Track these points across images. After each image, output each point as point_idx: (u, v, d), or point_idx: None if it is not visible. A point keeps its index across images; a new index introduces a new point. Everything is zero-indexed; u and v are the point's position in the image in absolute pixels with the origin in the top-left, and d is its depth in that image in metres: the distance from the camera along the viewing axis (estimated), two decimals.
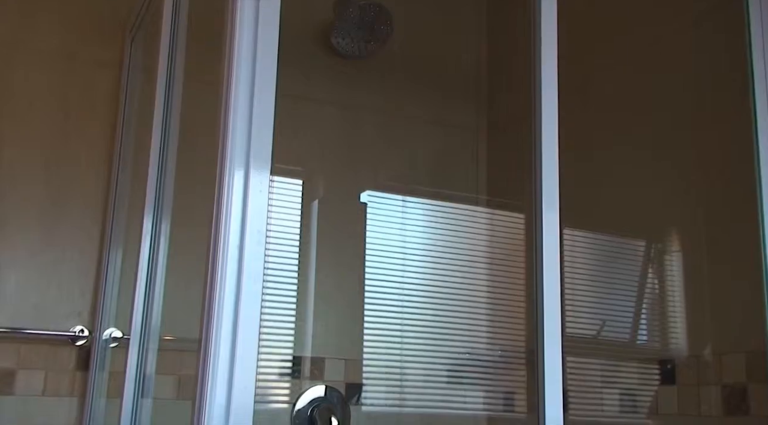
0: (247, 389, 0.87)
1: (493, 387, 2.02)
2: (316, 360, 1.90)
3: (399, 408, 1.99)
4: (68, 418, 1.64)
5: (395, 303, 1.98)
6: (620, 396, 1.76)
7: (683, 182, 1.69)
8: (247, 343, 0.87)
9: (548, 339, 1.08)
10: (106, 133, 1.79)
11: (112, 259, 1.67)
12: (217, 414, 0.85)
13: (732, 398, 1.46)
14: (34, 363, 1.64)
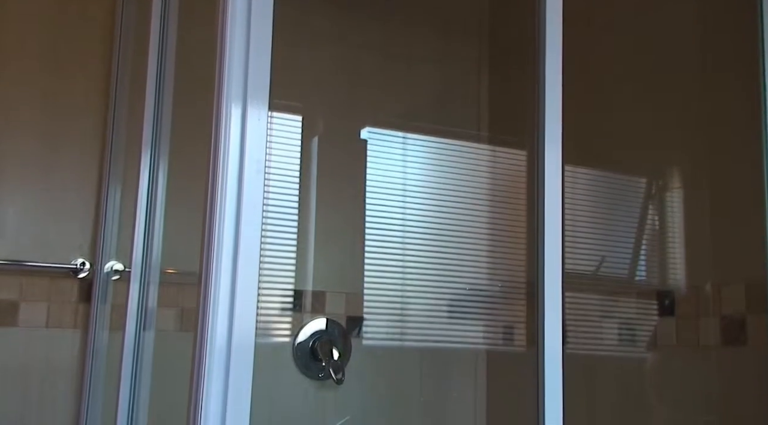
0: (247, 322, 0.88)
1: (493, 321, 2.04)
2: (317, 294, 1.91)
3: (399, 342, 2.02)
4: (72, 350, 1.66)
5: (396, 238, 1.98)
6: (619, 329, 1.79)
7: (687, 120, 1.68)
8: (248, 274, 0.87)
9: (548, 272, 1.08)
10: (103, 66, 1.76)
11: (112, 192, 1.67)
12: (218, 347, 0.86)
13: (730, 329, 1.48)
14: (37, 295, 1.65)
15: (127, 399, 1.37)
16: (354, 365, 1.90)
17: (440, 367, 2.04)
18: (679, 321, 1.62)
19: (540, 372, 1.09)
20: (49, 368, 1.64)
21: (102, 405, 1.57)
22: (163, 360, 1.42)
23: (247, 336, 0.87)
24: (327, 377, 1.86)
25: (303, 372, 1.87)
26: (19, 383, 1.61)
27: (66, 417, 1.63)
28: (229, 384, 0.86)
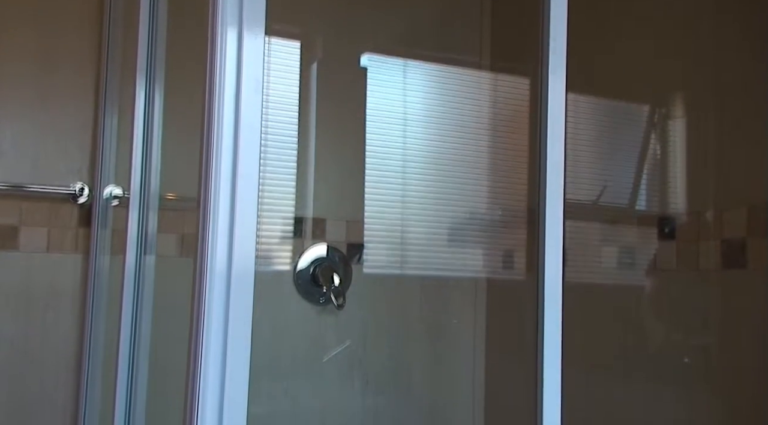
0: (247, 247, 0.87)
1: (493, 248, 2.05)
2: (317, 221, 1.92)
3: (400, 270, 2.03)
4: (74, 274, 1.67)
5: (396, 166, 1.97)
6: (619, 256, 1.80)
7: (691, 46, 1.64)
8: (247, 196, 0.86)
9: (550, 200, 1.08)
10: None
11: (108, 116, 1.65)
12: (218, 274, 0.85)
13: (731, 252, 1.49)
14: (36, 220, 1.65)
15: (129, 325, 1.38)
16: (354, 291, 1.92)
17: (440, 295, 2.06)
18: (680, 245, 1.63)
19: (539, 299, 1.10)
20: (51, 292, 1.65)
21: (105, 329, 1.59)
22: (165, 286, 1.42)
23: (247, 261, 0.87)
24: (328, 302, 1.88)
25: (304, 298, 1.88)
26: (22, 307, 1.63)
27: (69, 339, 1.65)
28: (230, 309, 0.86)
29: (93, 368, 1.60)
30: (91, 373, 1.60)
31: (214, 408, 0.85)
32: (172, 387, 0.95)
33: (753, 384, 1.42)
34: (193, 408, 0.85)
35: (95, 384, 1.59)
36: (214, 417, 0.85)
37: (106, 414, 1.40)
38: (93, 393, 1.59)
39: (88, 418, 1.59)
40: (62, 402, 1.64)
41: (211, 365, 0.86)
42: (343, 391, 1.91)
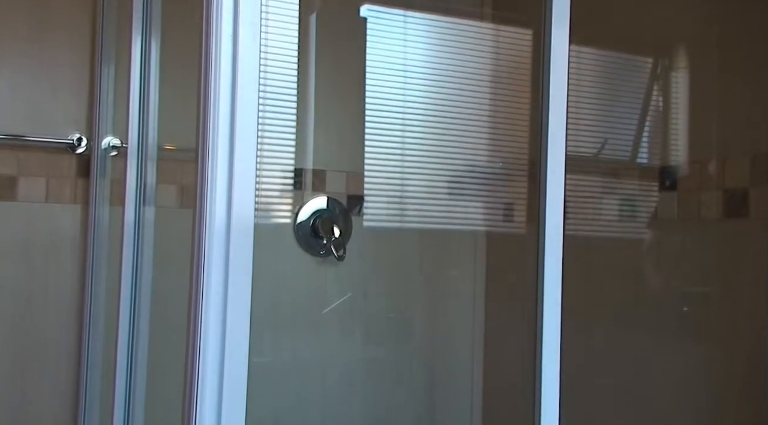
0: (247, 199, 0.87)
1: (493, 201, 2.05)
2: (317, 173, 1.91)
3: (400, 223, 2.03)
4: (73, 224, 1.67)
5: (396, 117, 1.95)
6: (619, 208, 1.79)
7: None
8: (245, 148, 0.86)
9: (552, 151, 1.07)
10: None
11: (105, 65, 1.63)
12: (218, 226, 0.85)
13: (732, 201, 1.49)
14: (35, 170, 1.64)
15: (129, 276, 1.38)
16: (354, 244, 1.92)
17: (440, 247, 2.06)
18: (681, 195, 1.63)
19: (540, 251, 1.10)
20: (51, 241, 1.65)
21: (105, 277, 1.59)
22: (165, 236, 1.42)
23: (247, 212, 0.87)
24: (328, 254, 1.89)
25: (304, 249, 1.89)
26: (23, 257, 1.63)
27: (71, 288, 1.66)
28: (230, 260, 0.86)
29: (95, 316, 1.61)
30: (93, 321, 1.61)
31: (215, 357, 0.86)
32: (173, 336, 0.96)
33: (752, 333, 1.43)
34: (195, 357, 0.86)
35: (97, 331, 1.60)
36: (215, 367, 0.86)
37: (109, 359, 1.42)
38: (95, 340, 1.61)
39: (91, 364, 1.61)
40: (65, 348, 1.65)
41: (212, 316, 0.86)
42: (343, 342, 1.93)
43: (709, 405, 1.49)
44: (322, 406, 1.89)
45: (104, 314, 1.59)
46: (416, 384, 1.99)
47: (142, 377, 1.38)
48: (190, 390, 0.86)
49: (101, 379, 1.57)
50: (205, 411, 0.85)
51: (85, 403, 1.61)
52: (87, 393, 1.61)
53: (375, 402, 1.94)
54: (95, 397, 1.59)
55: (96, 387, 1.59)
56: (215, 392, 0.86)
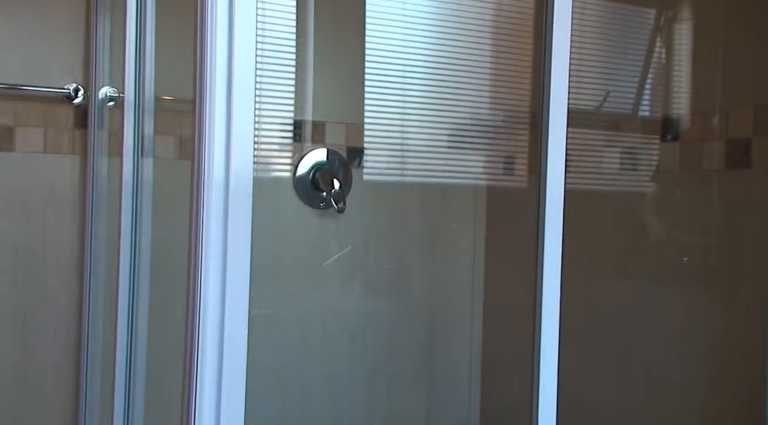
0: (245, 151, 0.86)
1: (494, 154, 2.04)
2: (316, 124, 1.89)
3: (400, 177, 2.02)
4: (72, 175, 1.66)
5: (397, 68, 1.93)
6: (621, 160, 1.79)
7: None
8: (243, 100, 0.84)
9: (554, 102, 1.06)
10: None
11: (101, 14, 1.60)
12: (216, 179, 0.85)
13: (735, 152, 1.48)
14: (32, 121, 1.63)
15: (129, 227, 1.38)
16: (354, 197, 1.92)
17: (441, 200, 2.06)
18: (683, 146, 1.62)
19: (541, 202, 1.09)
20: (50, 193, 1.65)
21: (105, 228, 1.59)
22: (164, 188, 1.42)
23: (246, 164, 0.86)
24: (328, 206, 1.88)
25: (304, 202, 1.88)
26: (22, 207, 1.63)
27: (71, 239, 1.66)
28: (229, 212, 0.86)
29: (95, 267, 1.61)
30: (94, 272, 1.61)
31: (216, 308, 0.86)
32: (174, 287, 0.96)
33: (753, 284, 1.43)
34: (196, 308, 0.86)
35: (98, 282, 1.61)
36: (216, 318, 0.86)
37: (110, 311, 1.43)
38: (96, 292, 1.61)
39: (92, 316, 1.62)
40: (66, 300, 1.66)
41: (212, 268, 0.86)
42: (344, 294, 1.94)
43: (708, 354, 1.50)
44: (323, 357, 1.91)
45: (105, 266, 1.59)
46: (416, 335, 2.01)
47: (143, 327, 1.38)
48: (191, 341, 0.86)
49: (103, 330, 1.59)
50: (206, 362, 0.86)
51: (87, 355, 1.62)
52: (89, 345, 1.62)
53: (375, 353, 1.96)
54: (97, 348, 1.61)
55: (98, 338, 1.61)
56: (216, 343, 0.86)
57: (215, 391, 0.86)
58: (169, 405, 0.95)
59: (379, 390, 1.96)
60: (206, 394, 0.86)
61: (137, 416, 1.37)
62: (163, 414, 1.08)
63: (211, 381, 0.86)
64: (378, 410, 1.96)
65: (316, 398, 1.90)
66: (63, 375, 1.65)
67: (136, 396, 1.37)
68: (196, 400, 0.85)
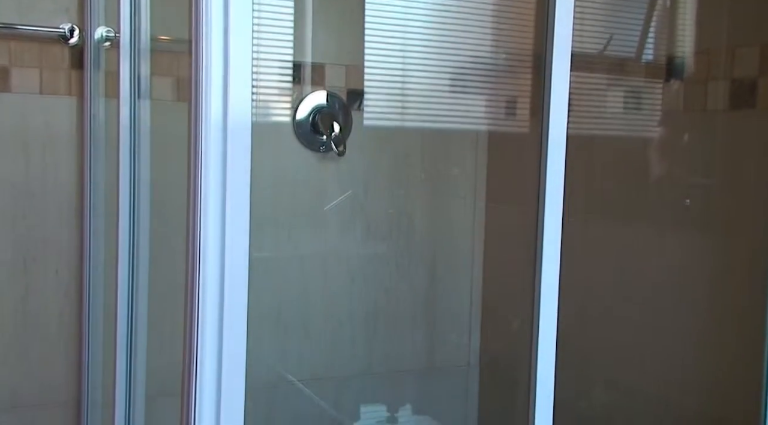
0: (243, 93, 0.85)
1: (495, 97, 2.02)
2: (316, 66, 1.87)
3: (400, 122, 2.00)
4: (69, 117, 1.65)
5: (398, 8, 1.89)
6: (624, 101, 1.77)
7: None
8: (241, 40, 0.83)
9: (558, 43, 1.04)
10: None
11: None
12: (215, 120, 0.83)
13: (740, 92, 1.47)
14: (27, 61, 1.60)
15: (128, 170, 1.38)
16: (355, 141, 1.90)
17: (442, 145, 2.05)
18: (687, 86, 1.60)
19: (543, 148, 1.09)
20: (48, 134, 1.63)
21: (104, 169, 1.59)
22: (162, 130, 1.40)
23: (244, 105, 0.85)
24: (328, 150, 1.87)
25: (304, 145, 1.87)
26: (20, 148, 1.62)
27: (70, 180, 1.65)
28: (228, 155, 0.85)
29: (95, 209, 1.61)
30: (93, 214, 1.61)
31: (216, 251, 0.86)
32: (174, 228, 0.96)
33: (754, 225, 1.43)
34: (196, 252, 0.86)
35: (98, 224, 1.61)
36: (216, 261, 0.86)
37: (111, 252, 1.43)
38: (96, 233, 1.62)
39: (93, 257, 1.62)
40: (66, 240, 1.66)
41: (212, 211, 0.86)
42: (344, 238, 1.94)
43: (708, 297, 1.51)
44: (324, 299, 1.93)
45: (104, 207, 1.59)
46: (416, 277, 2.02)
47: (144, 268, 1.39)
48: (191, 284, 0.87)
49: (105, 271, 1.59)
50: (207, 304, 0.86)
51: (89, 296, 1.64)
52: (90, 286, 1.63)
53: (375, 295, 1.98)
54: (99, 289, 1.62)
55: (100, 279, 1.62)
56: (216, 286, 0.86)
57: (216, 331, 0.87)
58: (171, 342, 0.96)
59: (380, 331, 1.99)
60: (207, 334, 0.87)
61: (140, 354, 1.39)
62: (165, 351, 1.09)
63: (212, 321, 0.87)
64: (378, 350, 1.99)
65: (316, 338, 1.92)
66: (66, 317, 1.67)
67: (138, 334, 1.39)
68: (198, 338, 0.86)
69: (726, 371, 1.45)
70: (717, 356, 1.48)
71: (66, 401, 1.67)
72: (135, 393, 1.39)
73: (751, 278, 1.41)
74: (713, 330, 1.49)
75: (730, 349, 1.45)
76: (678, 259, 1.57)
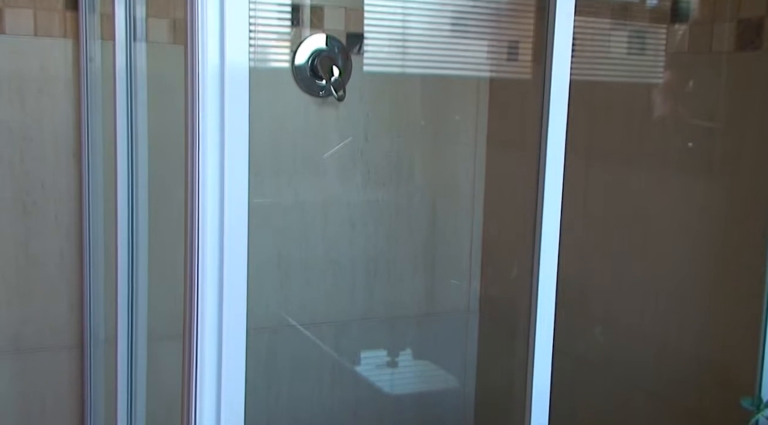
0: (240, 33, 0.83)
1: (497, 42, 1.99)
2: (314, 8, 1.83)
3: (401, 68, 1.98)
4: (65, 59, 1.62)
5: None
6: (628, 44, 1.74)
7: None
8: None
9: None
10: None
11: None
12: (211, 65, 0.82)
13: (746, 33, 1.44)
14: (20, 1, 1.57)
15: (125, 113, 1.36)
16: (355, 86, 1.88)
17: (443, 91, 2.02)
18: (692, 28, 1.57)
19: (546, 95, 1.07)
20: (44, 77, 1.61)
21: (102, 111, 1.57)
22: (159, 73, 1.39)
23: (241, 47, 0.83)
24: (328, 94, 1.85)
25: (303, 90, 1.85)
26: (16, 92, 1.60)
27: (67, 124, 1.64)
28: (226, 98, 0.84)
29: (93, 152, 1.60)
30: (92, 156, 1.61)
31: (215, 196, 0.86)
32: (173, 170, 0.95)
33: (757, 168, 1.42)
34: (194, 196, 0.86)
35: (96, 166, 1.61)
36: (216, 206, 0.86)
37: (110, 193, 1.42)
38: (95, 175, 1.61)
39: (92, 200, 1.62)
40: (66, 184, 1.66)
41: (210, 155, 0.85)
42: (344, 183, 1.94)
43: (708, 239, 1.51)
44: (324, 244, 1.93)
45: (102, 151, 1.58)
46: (417, 223, 2.03)
47: (143, 210, 1.39)
48: (191, 229, 0.87)
49: (105, 213, 1.59)
50: (206, 245, 0.86)
51: (90, 239, 1.64)
52: (91, 228, 1.63)
53: (376, 240, 1.98)
54: (99, 231, 1.62)
55: (99, 221, 1.62)
56: (216, 231, 0.86)
57: (217, 276, 0.87)
58: (173, 285, 0.96)
59: (380, 276, 2.00)
60: (208, 278, 0.87)
61: (141, 296, 1.40)
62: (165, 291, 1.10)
63: (212, 266, 0.87)
64: (378, 295, 2.00)
65: (317, 283, 1.94)
66: (67, 259, 1.68)
67: (139, 277, 1.39)
68: (198, 283, 0.87)
69: (725, 313, 1.46)
70: (716, 298, 1.49)
71: (69, 343, 1.69)
72: (137, 335, 1.40)
73: (752, 221, 1.41)
74: (713, 272, 1.49)
75: (730, 291, 1.46)
76: (679, 202, 1.56)
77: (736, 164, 1.47)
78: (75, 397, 1.71)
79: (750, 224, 1.42)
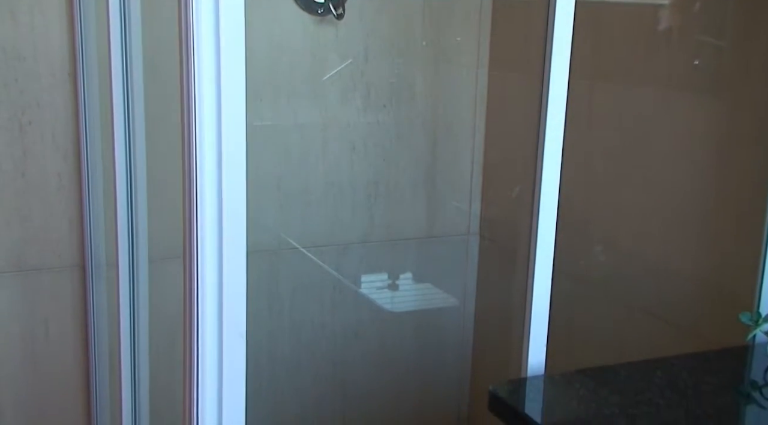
0: None
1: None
2: None
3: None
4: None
5: None
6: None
7: None
8: None
9: None
10: None
11: None
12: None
13: None
14: None
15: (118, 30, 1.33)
16: (354, 5, 1.83)
17: (444, 11, 1.98)
18: None
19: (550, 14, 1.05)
20: None
21: (95, 33, 1.54)
22: None
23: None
24: (327, 12, 1.81)
25: (301, 8, 1.81)
26: (6, 9, 1.56)
27: (61, 43, 1.61)
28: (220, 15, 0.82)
29: (88, 70, 1.58)
30: (87, 75, 1.58)
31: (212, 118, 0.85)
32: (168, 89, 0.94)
33: (761, 90, 1.39)
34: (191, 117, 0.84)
35: (92, 85, 1.58)
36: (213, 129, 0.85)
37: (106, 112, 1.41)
38: (91, 94, 1.59)
39: (89, 118, 1.61)
40: (62, 103, 1.64)
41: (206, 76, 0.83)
42: (344, 106, 1.91)
43: (712, 163, 1.49)
44: (324, 166, 1.93)
45: (97, 69, 1.56)
46: (418, 146, 2.01)
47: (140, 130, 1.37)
48: (188, 150, 0.86)
49: (102, 134, 1.57)
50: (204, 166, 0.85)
51: (87, 159, 1.63)
52: (88, 148, 1.62)
53: (376, 163, 1.97)
54: (96, 151, 1.61)
55: (97, 142, 1.60)
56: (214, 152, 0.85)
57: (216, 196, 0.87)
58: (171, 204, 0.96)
59: (381, 198, 2.00)
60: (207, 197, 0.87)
61: (141, 214, 1.40)
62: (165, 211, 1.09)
63: (211, 186, 0.86)
64: (379, 217, 2.01)
65: (317, 206, 1.94)
66: (66, 180, 1.67)
67: (138, 195, 1.39)
68: (197, 203, 0.86)
69: (726, 238, 1.46)
70: (718, 222, 1.48)
71: (71, 263, 1.71)
72: (138, 256, 1.41)
73: (757, 144, 1.39)
74: (715, 197, 1.49)
75: (732, 216, 1.46)
76: (683, 124, 1.54)
77: (744, 85, 1.44)
78: (79, 319, 1.73)
79: (752, 145, 1.41)
